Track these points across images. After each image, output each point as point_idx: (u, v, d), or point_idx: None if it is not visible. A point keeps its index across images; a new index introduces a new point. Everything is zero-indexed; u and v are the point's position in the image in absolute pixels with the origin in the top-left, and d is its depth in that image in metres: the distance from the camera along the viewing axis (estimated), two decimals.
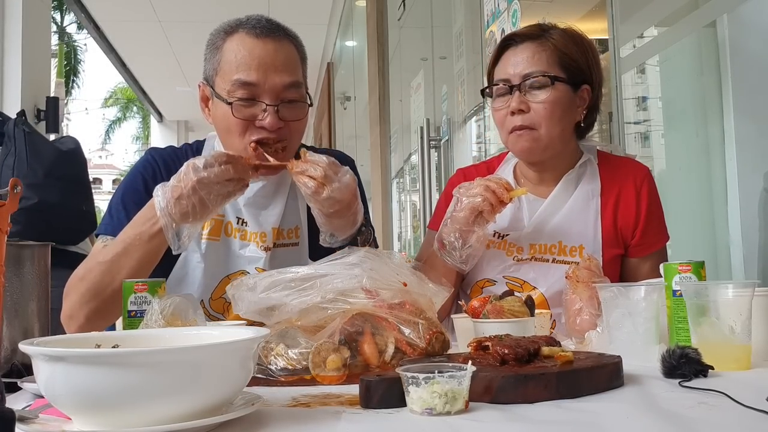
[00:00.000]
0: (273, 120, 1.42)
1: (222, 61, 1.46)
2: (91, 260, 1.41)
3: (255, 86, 1.42)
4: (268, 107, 1.42)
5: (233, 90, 1.42)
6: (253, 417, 0.80)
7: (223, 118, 1.45)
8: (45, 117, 3.98)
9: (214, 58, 1.48)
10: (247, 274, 1.48)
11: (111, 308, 1.36)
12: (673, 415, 0.78)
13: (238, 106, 1.42)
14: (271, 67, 1.43)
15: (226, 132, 1.47)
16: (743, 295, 1.06)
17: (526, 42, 1.53)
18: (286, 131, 1.45)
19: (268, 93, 1.42)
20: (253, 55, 1.43)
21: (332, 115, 8.29)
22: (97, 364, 0.70)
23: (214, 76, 1.48)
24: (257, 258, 1.50)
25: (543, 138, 1.51)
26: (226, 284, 1.40)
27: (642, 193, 1.56)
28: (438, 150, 3.82)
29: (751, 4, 1.87)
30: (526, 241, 1.55)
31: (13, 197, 0.88)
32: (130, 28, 7.65)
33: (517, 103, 1.50)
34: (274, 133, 1.43)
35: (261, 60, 1.42)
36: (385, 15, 5.16)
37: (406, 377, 0.81)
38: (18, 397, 0.98)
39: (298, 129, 1.48)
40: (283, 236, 1.55)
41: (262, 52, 1.43)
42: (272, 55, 1.44)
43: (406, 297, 1.11)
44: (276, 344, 1.03)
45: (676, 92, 2.36)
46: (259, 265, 1.50)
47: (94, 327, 1.36)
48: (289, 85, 1.44)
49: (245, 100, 1.42)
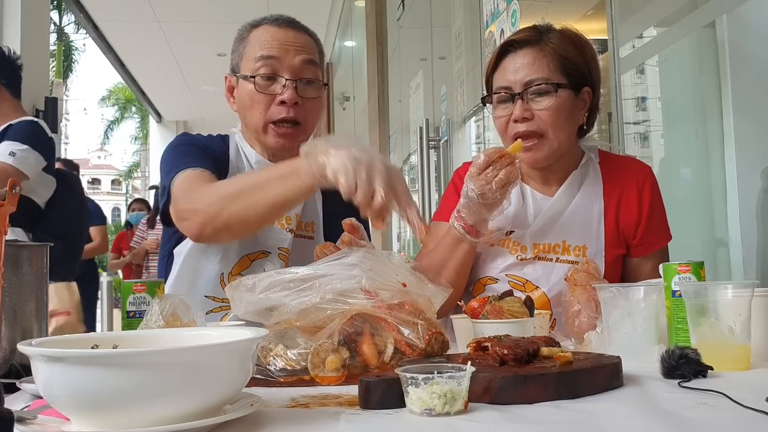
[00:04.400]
0: (291, 94, 1.53)
1: (247, 47, 1.59)
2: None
3: (276, 60, 1.54)
4: (287, 82, 1.53)
5: (256, 68, 1.55)
6: (251, 418, 0.80)
7: (248, 97, 1.56)
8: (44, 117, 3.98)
9: (239, 47, 1.61)
10: (268, 254, 1.55)
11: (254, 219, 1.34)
12: (672, 415, 0.78)
13: (260, 81, 1.54)
14: (291, 47, 1.56)
15: (249, 110, 1.57)
16: (742, 295, 1.06)
17: (525, 48, 1.52)
18: (302, 111, 1.55)
19: (288, 69, 1.54)
20: (275, 37, 1.57)
21: (331, 116, 8.28)
22: (96, 364, 0.70)
23: (240, 63, 1.60)
24: (283, 239, 1.56)
25: (549, 145, 1.50)
26: (244, 263, 1.54)
27: (644, 193, 1.56)
28: (437, 150, 3.83)
29: (750, 4, 1.88)
30: (530, 240, 1.55)
31: (12, 198, 0.87)
32: (128, 29, 7.65)
33: (520, 111, 1.49)
34: (291, 110, 1.53)
35: (282, 41, 1.56)
36: (384, 15, 5.16)
37: (405, 378, 0.81)
38: (17, 397, 0.98)
39: (314, 109, 1.59)
40: (301, 227, 1.63)
41: (284, 35, 1.57)
42: (292, 38, 1.58)
43: (406, 297, 1.11)
44: (275, 345, 1.03)
45: (675, 92, 2.37)
46: (285, 245, 1.56)
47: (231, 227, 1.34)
48: (307, 62, 1.56)
49: (267, 77, 1.54)
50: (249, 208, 1.31)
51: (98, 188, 54.50)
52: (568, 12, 2.94)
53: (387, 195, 1.15)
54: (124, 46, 8.39)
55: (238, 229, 1.35)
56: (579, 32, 1.58)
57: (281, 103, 1.53)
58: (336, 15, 7.31)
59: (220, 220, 1.32)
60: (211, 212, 1.33)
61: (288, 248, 1.56)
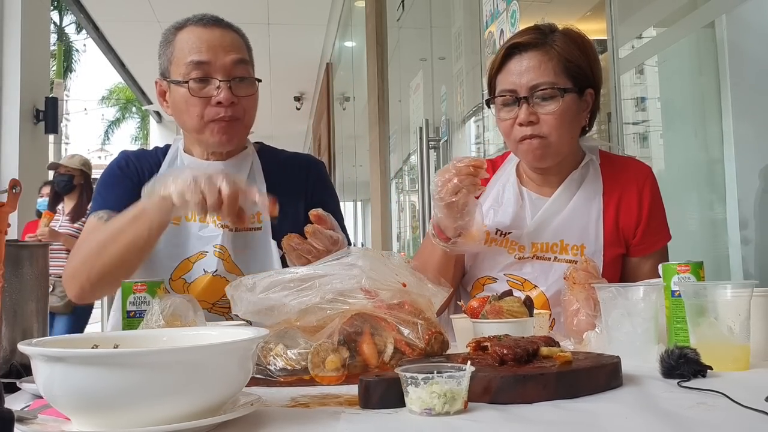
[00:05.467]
0: (227, 94, 1.53)
1: (175, 50, 1.58)
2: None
3: (207, 64, 1.54)
4: (221, 83, 1.53)
5: (187, 72, 1.54)
6: (252, 417, 0.80)
7: (182, 100, 1.56)
8: (44, 117, 3.98)
9: (167, 51, 1.60)
10: (205, 254, 1.55)
11: None
12: (671, 415, 0.78)
13: (193, 85, 1.54)
14: (220, 48, 1.56)
15: (186, 114, 1.57)
16: (742, 295, 1.06)
17: (530, 50, 1.51)
18: (239, 109, 1.56)
19: (220, 70, 1.54)
20: (202, 39, 1.56)
21: (331, 116, 8.29)
22: (96, 364, 0.70)
23: (169, 67, 1.59)
24: (214, 236, 1.56)
25: (553, 147, 1.51)
26: (186, 266, 1.54)
27: (644, 192, 1.56)
28: (437, 150, 3.82)
29: (750, 4, 1.88)
30: (528, 239, 1.55)
31: (13, 198, 0.88)
32: (128, 29, 7.65)
33: (526, 115, 1.49)
34: (229, 109, 1.54)
35: (210, 43, 1.56)
36: (384, 15, 5.16)
37: (405, 377, 0.81)
38: (17, 397, 0.98)
39: (251, 105, 1.60)
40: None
41: (210, 36, 1.57)
42: (219, 38, 1.57)
43: (405, 297, 1.11)
44: (275, 344, 1.03)
45: (674, 93, 2.37)
46: (218, 242, 1.55)
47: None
48: (238, 61, 1.56)
49: (200, 80, 1.54)
50: (111, 259, 1.37)
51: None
52: (568, 12, 2.93)
53: (231, 184, 1.24)
54: (124, 46, 8.39)
55: (111, 279, 1.39)
56: (582, 32, 1.58)
57: (218, 104, 1.53)
58: (336, 15, 7.31)
59: (91, 280, 1.40)
60: (80, 277, 1.41)
61: (222, 244, 1.55)
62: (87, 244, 1.46)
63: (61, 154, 13.72)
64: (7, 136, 4.39)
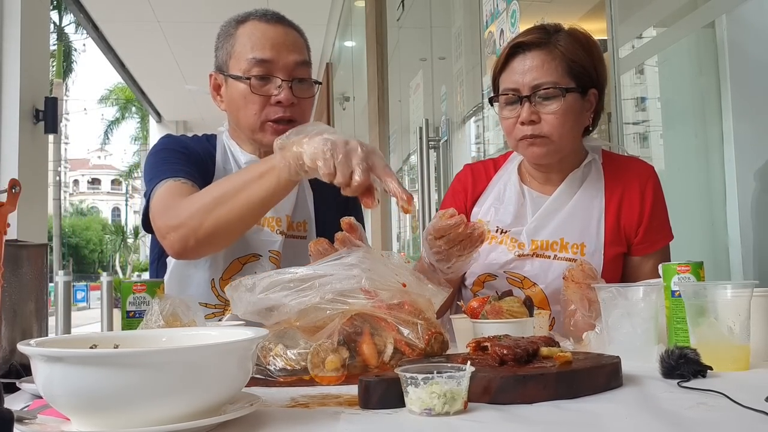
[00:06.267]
0: (288, 94, 1.53)
1: (236, 45, 1.56)
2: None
3: (270, 63, 1.53)
4: (283, 83, 1.53)
5: (249, 68, 1.53)
6: (251, 417, 0.80)
7: (241, 97, 1.55)
8: (44, 117, 3.98)
9: (227, 44, 1.58)
10: (259, 257, 1.54)
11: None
12: (671, 415, 0.78)
13: (255, 82, 1.52)
14: (283, 47, 1.55)
15: (243, 110, 1.55)
16: (742, 295, 1.06)
17: (534, 50, 1.52)
18: (298, 110, 1.56)
19: (282, 70, 1.54)
20: (266, 36, 1.55)
21: (331, 116, 8.28)
22: (96, 364, 0.70)
23: (228, 61, 1.57)
24: (273, 241, 1.55)
25: (554, 146, 1.51)
26: (235, 267, 1.51)
27: (646, 192, 1.57)
28: (437, 150, 3.82)
29: (750, 4, 1.87)
30: (528, 237, 1.56)
31: (12, 197, 0.87)
32: (128, 29, 7.65)
33: (528, 114, 1.50)
34: (288, 110, 1.54)
35: (274, 41, 1.55)
36: (384, 15, 5.16)
37: (405, 378, 0.81)
38: (16, 397, 0.98)
39: (308, 107, 1.61)
40: (293, 228, 1.62)
41: (274, 34, 1.56)
42: (283, 36, 1.56)
43: (405, 297, 1.11)
44: (275, 345, 1.03)
45: (674, 93, 2.36)
46: (275, 248, 1.55)
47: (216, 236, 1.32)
48: (300, 62, 1.57)
49: (261, 77, 1.53)
50: (230, 213, 1.29)
51: (98, 188, 54.51)
52: (568, 12, 2.93)
53: (365, 171, 1.14)
54: (124, 46, 8.38)
55: (223, 235, 1.33)
56: (587, 32, 1.58)
57: (277, 103, 1.53)
58: (336, 15, 7.31)
59: (202, 231, 1.30)
60: (192, 225, 1.31)
61: (279, 250, 1.55)
62: (192, 199, 1.35)
63: (61, 154, 13.71)
64: (6, 135, 4.39)
